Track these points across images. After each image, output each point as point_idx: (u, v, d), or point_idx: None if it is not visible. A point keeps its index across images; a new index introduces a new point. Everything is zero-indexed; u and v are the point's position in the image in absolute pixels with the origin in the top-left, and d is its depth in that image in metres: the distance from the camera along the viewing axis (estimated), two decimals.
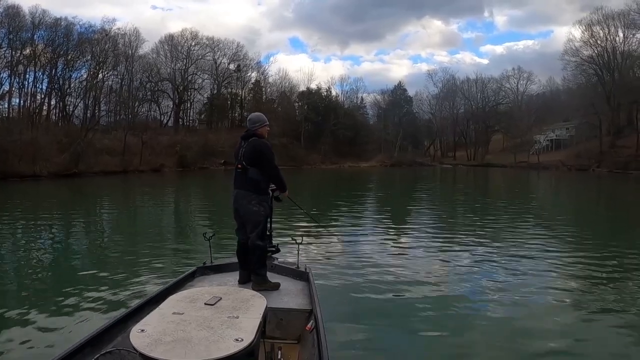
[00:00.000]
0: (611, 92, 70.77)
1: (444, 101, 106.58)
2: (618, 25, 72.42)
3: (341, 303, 6.87)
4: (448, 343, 5.71)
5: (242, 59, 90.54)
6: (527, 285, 7.99)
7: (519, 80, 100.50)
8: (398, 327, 6.14)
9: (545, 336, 5.85)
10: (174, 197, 29.19)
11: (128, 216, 19.41)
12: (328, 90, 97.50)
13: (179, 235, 14.35)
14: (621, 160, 61.18)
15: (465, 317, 6.55)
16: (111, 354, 3.14)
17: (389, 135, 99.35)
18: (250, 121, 5.61)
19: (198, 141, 70.87)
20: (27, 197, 27.31)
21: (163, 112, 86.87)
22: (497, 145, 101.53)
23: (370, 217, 18.45)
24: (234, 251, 5.64)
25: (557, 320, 6.40)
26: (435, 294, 7.53)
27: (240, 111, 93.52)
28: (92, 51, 65.37)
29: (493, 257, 10.17)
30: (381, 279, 8.33)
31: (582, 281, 8.45)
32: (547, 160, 76.50)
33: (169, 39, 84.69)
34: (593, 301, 7.21)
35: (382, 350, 5.43)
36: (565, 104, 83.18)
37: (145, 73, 77.91)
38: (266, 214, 5.46)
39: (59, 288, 7.81)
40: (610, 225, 16.86)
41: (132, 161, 55.07)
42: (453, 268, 9.35)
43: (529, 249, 11.12)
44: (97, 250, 11.62)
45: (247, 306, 3.18)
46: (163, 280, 7.35)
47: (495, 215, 18.07)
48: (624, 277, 8.69)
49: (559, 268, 9.36)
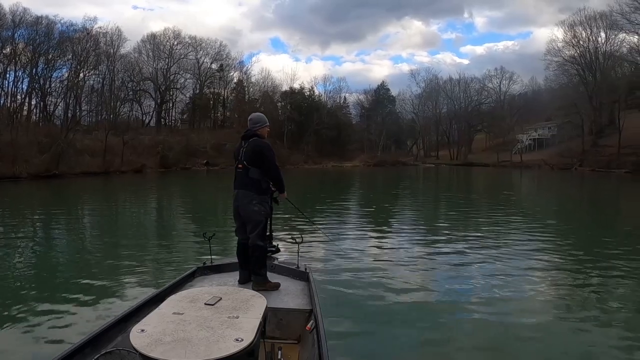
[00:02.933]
0: (593, 91, 71.76)
1: (427, 101, 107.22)
2: (600, 25, 73.51)
3: (341, 303, 6.89)
4: (449, 343, 5.70)
5: (224, 59, 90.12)
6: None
7: (501, 80, 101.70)
8: (398, 326, 6.12)
9: (530, 335, 5.90)
10: (161, 199, 28.88)
11: (119, 218, 19.12)
12: (311, 90, 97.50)
13: (176, 236, 14.15)
14: (603, 159, 62.00)
15: (466, 316, 6.55)
16: (111, 354, 3.18)
17: (372, 135, 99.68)
18: (252, 121, 5.59)
19: (180, 141, 70.41)
20: (21, 198, 27.11)
21: (145, 112, 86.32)
22: (479, 145, 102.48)
23: (369, 217, 18.49)
24: (234, 251, 5.61)
25: (541, 319, 6.46)
26: (435, 294, 7.58)
27: (223, 111, 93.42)
28: (74, 50, 64.27)
29: (489, 255, 10.27)
30: (381, 278, 8.36)
31: (565, 281, 8.64)
32: (530, 160, 77.42)
33: (151, 38, 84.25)
34: (575, 301, 7.37)
35: (382, 350, 5.42)
36: (547, 104, 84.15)
37: (127, 72, 77.19)
38: (267, 214, 5.44)
39: (58, 288, 7.85)
40: (593, 224, 17.06)
41: (113, 162, 54.34)
42: (452, 267, 9.35)
43: (517, 248, 11.17)
44: (95, 251, 11.48)
45: (247, 306, 3.17)
46: (162, 281, 7.37)
47: (486, 215, 18.29)
48: (606, 277, 8.80)
49: (542, 266, 9.54)
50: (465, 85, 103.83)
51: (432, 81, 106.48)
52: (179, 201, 27.20)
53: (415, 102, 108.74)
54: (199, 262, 6.01)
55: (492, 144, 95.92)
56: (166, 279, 7.13)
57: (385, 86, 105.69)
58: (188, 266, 6.66)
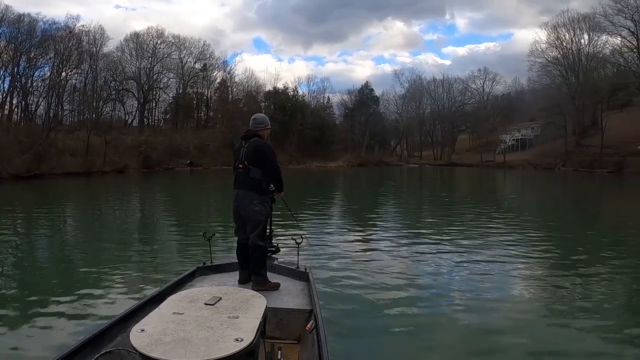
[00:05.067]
0: (576, 92, 72.65)
1: (411, 101, 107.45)
2: (583, 27, 74.55)
3: (341, 303, 6.91)
4: (449, 343, 5.73)
5: (208, 58, 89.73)
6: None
7: (484, 81, 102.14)
8: (399, 326, 6.14)
9: (510, 334, 5.95)
10: (152, 200, 28.55)
11: (114, 219, 18.88)
12: (295, 90, 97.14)
13: (174, 236, 14.18)
14: (586, 159, 62.80)
15: (467, 316, 6.55)
16: (111, 354, 3.22)
17: (355, 135, 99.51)
18: (255, 121, 5.60)
19: (163, 141, 69.72)
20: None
21: (128, 112, 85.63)
22: (463, 145, 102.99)
23: (367, 218, 18.44)
24: (234, 251, 5.62)
25: (521, 317, 6.53)
26: (436, 294, 7.58)
27: (206, 111, 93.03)
28: (56, 49, 63.34)
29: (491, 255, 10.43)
30: (381, 278, 8.41)
31: (546, 278, 8.86)
32: (513, 160, 78.11)
33: (134, 36, 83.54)
34: (557, 299, 7.46)
35: (382, 350, 5.42)
36: (530, 104, 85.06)
37: (110, 71, 76.41)
38: (267, 214, 5.45)
39: (58, 289, 7.90)
40: (574, 223, 17.40)
41: (95, 162, 53.62)
42: (452, 267, 9.39)
43: (501, 248, 11.31)
44: (94, 252, 11.37)
45: (247, 306, 3.17)
46: (162, 280, 7.43)
47: (472, 214, 18.53)
48: (587, 275, 8.94)
49: (524, 265, 9.73)
50: (449, 85, 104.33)
51: (415, 82, 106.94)
52: (170, 202, 27.01)
53: (398, 102, 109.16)
54: (198, 262, 6.01)
55: (475, 144, 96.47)
56: (166, 279, 7.15)
57: (369, 86, 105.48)
58: (187, 266, 6.68)
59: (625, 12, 62.39)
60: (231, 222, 5.65)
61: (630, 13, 61.70)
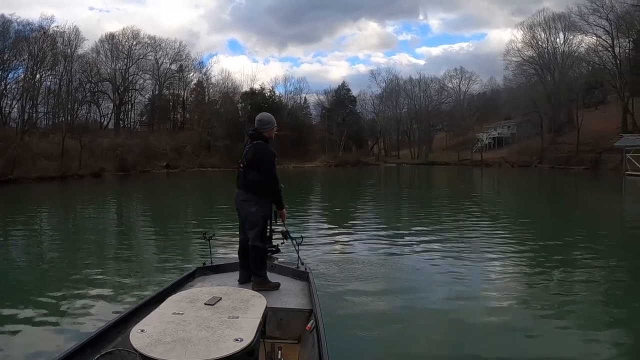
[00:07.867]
0: (552, 91, 73.89)
1: (387, 101, 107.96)
2: (559, 27, 75.77)
3: (341, 303, 6.92)
4: (450, 342, 5.74)
5: (184, 60, 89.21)
6: None
7: (461, 80, 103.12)
8: (399, 326, 6.15)
9: (491, 329, 6.08)
10: (137, 202, 28.54)
11: (106, 221, 18.81)
12: (272, 91, 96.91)
13: (170, 237, 13.91)
14: (562, 156, 64.06)
15: (467, 316, 6.54)
16: (111, 354, 3.21)
17: (332, 135, 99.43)
18: (261, 122, 5.49)
19: (139, 144, 68.76)
20: None
21: (103, 114, 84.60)
22: (440, 144, 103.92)
23: (364, 218, 18.56)
24: (234, 251, 5.67)
25: (503, 313, 6.68)
26: (436, 294, 7.59)
27: (183, 112, 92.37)
28: (30, 50, 62.18)
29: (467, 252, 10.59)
30: (381, 278, 8.44)
31: (525, 273, 9.13)
32: (490, 158, 79.22)
33: (109, 37, 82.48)
34: (535, 294, 7.62)
35: (382, 349, 5.44)
36: (506, 103, 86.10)
37: (85, 73, 75.16)
38: (264, 216, 5.42)
39: (58, 289, 7.85)
40: (552, 218, 17.87)
41: (70, 165, 52.66)
42: (452, 267, 9.37)
43: (484, 246, 11.48)
44: (92, 253, 11.40)
45: (247, 306, 3.18)
46: (162, 280, 7.47)
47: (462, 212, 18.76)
48: (565, 270, 9.09)
49: (503, 261, 9.93)
50: (425, 85, 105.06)
51: (392, 81, 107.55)
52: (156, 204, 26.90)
53: (375, 102, 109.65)
54: (198, 262, 6.03)
55: (452, 143, 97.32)
56: (166, 280, 7.19)
57: (345, 86, 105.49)
58: (187, 267, 6.78)
59: (600, 12, 63.30)
60: (231, 223, 5.63)
61: (605, 12, 62.58)
